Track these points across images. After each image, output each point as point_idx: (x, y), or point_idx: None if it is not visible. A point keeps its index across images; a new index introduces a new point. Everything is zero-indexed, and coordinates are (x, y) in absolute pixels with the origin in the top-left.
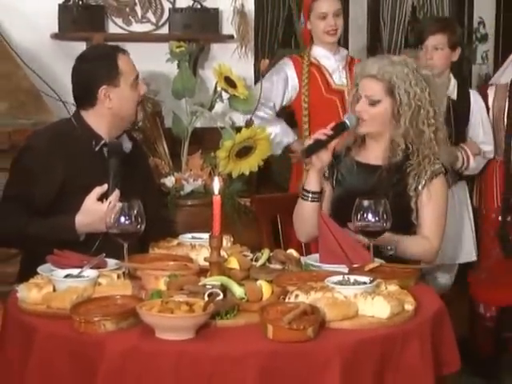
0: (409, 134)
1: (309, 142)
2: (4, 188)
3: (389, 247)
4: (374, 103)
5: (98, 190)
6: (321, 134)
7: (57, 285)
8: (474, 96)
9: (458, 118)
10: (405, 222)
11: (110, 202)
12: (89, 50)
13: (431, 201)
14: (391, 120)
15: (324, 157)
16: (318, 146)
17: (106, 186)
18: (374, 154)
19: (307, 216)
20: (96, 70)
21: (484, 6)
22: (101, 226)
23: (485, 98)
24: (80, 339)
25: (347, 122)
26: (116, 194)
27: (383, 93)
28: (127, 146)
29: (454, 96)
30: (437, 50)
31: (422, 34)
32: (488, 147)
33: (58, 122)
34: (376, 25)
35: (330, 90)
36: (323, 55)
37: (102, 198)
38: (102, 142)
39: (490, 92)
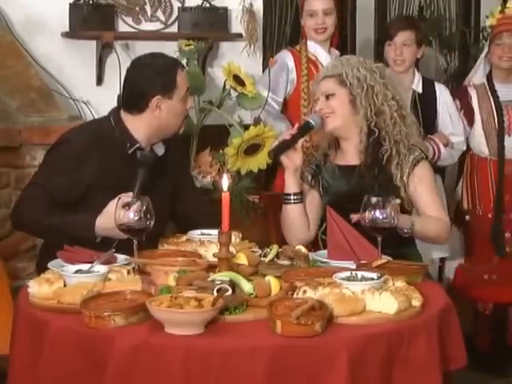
0: (367, 116)
1: (275, 143)
2: (34, 174)
3: (405, 230)
4: (329, 96)
5: (123, 197)
6: (286, 135)
7: (67, 280)
8: (440, 89)
9: (424, 110)
10: None
11: (119, 198)
12: (150, 57)
13: (422, 187)
14: (352, 110)
15: (295, 157)
16: (284, 146)
17: (131, 194)
18: (350, 154)
19: (294, 219)
20: (155, 79)
21: (491, 4)
22: (118, 233)
23: (466, 97)
24: (90, 334)
25: (311, 121)
26: (138, 205)
27: (336, 85)
28: (159, 150)
29: (419, 90)
30: (405, 45)
31: (391, 31)
32: (457, 138)
33: (97, 121)
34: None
35: None
36: (319, 51)
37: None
38: (136, 145)
39: (472, 92)
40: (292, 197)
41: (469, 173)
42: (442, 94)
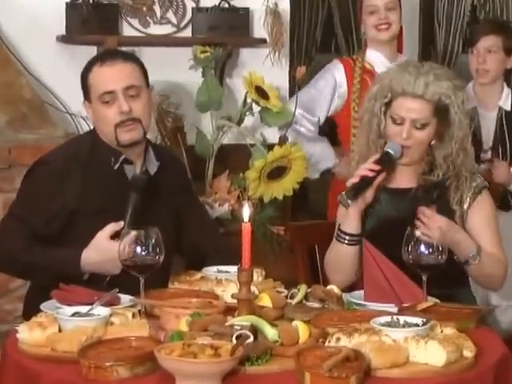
0: (452, 155)
1: (354, 180)
2: (12, 203)
3: (470, 255)
4: (421, 127)
5: (113, 227)
6: (365, 170)
7: (63, 324)
8: None
9: None
10: None
11: (124, 230)
12: None
13: (481, 218)
14: (432, 141)
15: (368, 196)
16: (366, 184)
17: (121, 223)
18: (406, 178)
19: (342, 261)
20: (81, 83)
21: None
22: (109, 268)
23: None
24: None
25: (390, 151)
26: (132, 235)
27: (431, 115)
28: (152, 167)
29: (508, 107)
30: (490, 52)
31: (474, 36)
32: None
33: (78, 137)
34: (430, 26)
35: None
36: (379, 60)
37: (116, 235)
38: (122, 157)
39: None
40: (347, 237)
41: None
42: None
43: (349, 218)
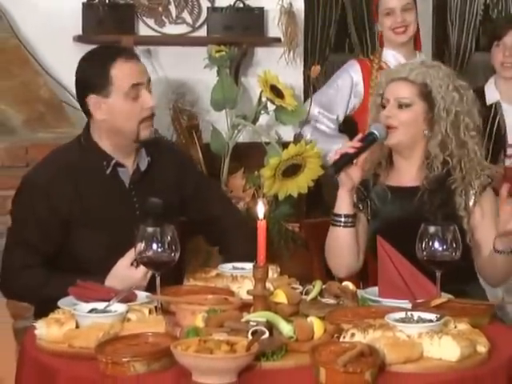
0: (447, 145)
1: (334, 157)
2: (9, 233)
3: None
4: (404, 106)
5: (132, 254)
6: (347, 148)
7: (80, 320)
8: None
9: None
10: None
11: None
12: (92, 50)
13: (486, 217)
14: (424, 130)
15: (354, 174)
16: (346, 160)
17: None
18: (408, 175)
19: (342, 245)
20: (86, 77)
21: None
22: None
23: None
24: (106, 383)
25: (375, 132)
26: None
27: (415, 96)
28: (143, 163)
29: None
30: None
31: (499, 30)
32: None
33: (64, 147)
34: (443, 25)
35: None
36: (396, 60)
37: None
38: (113, 162)
39: None
40: (343, 219)
41: None
42: None
43: (340, 199)
